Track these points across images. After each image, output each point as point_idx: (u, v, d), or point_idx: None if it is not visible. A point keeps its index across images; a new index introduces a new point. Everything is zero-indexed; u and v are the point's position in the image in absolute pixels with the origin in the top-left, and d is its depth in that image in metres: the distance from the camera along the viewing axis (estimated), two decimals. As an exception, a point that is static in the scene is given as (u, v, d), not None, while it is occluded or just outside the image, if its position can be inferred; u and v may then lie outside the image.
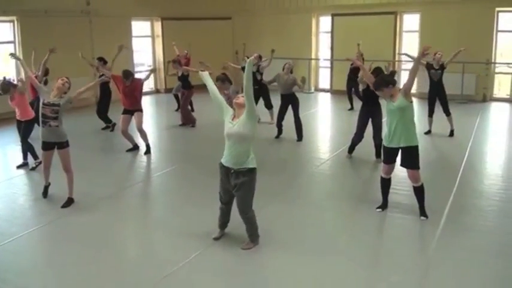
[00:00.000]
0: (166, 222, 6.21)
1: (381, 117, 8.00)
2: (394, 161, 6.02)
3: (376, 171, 7.88)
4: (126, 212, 6.58)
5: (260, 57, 11.54)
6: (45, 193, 6.95)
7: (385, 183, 6.19)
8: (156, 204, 7.11)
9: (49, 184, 6.96)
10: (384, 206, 6.20)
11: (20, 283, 4.75)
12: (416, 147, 5.86)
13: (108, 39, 14.49)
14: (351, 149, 8.58)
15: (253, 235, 5.25)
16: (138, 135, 9.20)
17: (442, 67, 9.98)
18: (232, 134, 4.94)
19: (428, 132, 10.15)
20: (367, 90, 8.04)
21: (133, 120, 9.08)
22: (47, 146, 6.65)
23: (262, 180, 7.38)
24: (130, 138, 9.25)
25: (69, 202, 6.60)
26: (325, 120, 13.11)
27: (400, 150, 5.88)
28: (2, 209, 6.66)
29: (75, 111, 12.92)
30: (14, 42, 12.89)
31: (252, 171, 5.01)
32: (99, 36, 14.37)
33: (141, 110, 9.16)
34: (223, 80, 7.98)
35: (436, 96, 10.07)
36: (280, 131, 10.18)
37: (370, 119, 8.26)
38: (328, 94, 16.33)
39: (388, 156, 6.02)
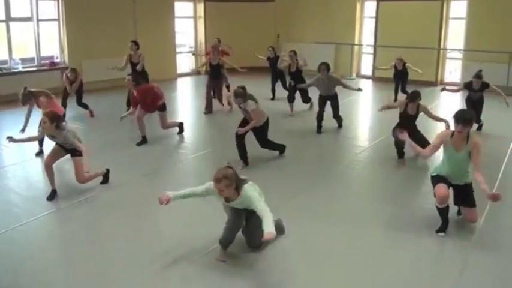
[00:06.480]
0: (200, 204, 6.21)
1: (420, 134, 7.51)
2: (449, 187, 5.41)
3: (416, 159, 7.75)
4: (161, 192, 6.59)
5: (295, 53, 11.14)
6: (51, 197, 6.15)
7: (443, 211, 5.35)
8: (191, 185, 7.10)
9: (55, 191, 6.24)
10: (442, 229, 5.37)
11: (61, 253, 4.93)
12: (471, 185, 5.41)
13: (151, 20, 14.63)
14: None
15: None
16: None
17: (484, 87, 9.27)
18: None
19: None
20: (404, 114, 7.60)
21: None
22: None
23: (301, 167, 7.41)
24: (142, 127, 8.80)
25: (106, 177, 6.73)
26: (365, 108, 12.83)
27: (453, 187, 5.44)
28: (44, 181, 6.75)
29: (111, 91, 13.07)
30: (58, 20, 13.08)
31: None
32: (142, 16, 14.49)
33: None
34: (242, 96, 7.22)
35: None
36: (320, 127, 9.45)
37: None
38: (370, 81, 16.01)
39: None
